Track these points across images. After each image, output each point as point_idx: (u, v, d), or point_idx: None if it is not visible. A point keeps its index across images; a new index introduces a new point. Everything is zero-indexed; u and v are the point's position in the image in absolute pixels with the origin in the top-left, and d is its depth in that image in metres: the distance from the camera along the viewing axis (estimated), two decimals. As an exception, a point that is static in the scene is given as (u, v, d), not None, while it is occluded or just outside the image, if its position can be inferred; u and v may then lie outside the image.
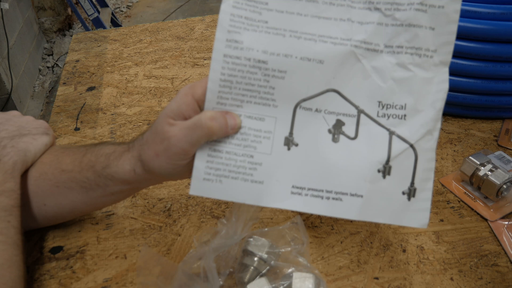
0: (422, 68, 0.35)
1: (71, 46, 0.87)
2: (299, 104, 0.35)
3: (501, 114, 0.63)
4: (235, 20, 0.34)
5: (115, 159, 0.38)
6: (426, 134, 0.35)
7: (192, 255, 0.39)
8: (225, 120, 0.33)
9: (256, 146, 0.35)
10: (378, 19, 0.34)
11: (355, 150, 0.35)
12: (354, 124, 0.35)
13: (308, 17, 0.34)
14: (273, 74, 0.34)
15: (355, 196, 0.35)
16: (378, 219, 0.35)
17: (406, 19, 0.34)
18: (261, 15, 0.34)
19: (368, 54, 0.35)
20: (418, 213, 0.35)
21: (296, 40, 0.34)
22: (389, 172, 0.35)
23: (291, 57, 0.34)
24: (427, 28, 0.34)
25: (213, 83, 0.34)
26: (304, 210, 0.35)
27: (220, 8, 0.34)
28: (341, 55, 0.34)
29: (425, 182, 0.35)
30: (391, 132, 0.35)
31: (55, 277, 0.44)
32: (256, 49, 0.34)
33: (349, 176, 0.35)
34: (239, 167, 0.35)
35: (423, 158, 0.35)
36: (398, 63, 0.35)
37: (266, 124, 0.35)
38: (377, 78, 0.35)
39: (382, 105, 0.35)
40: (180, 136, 0.33)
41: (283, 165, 0.35)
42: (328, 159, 0.35)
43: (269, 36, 0.34)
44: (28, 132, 0.44)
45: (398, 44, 0.34)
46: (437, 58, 0.35)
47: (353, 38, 0.34)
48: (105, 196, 0.40)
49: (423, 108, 0.35)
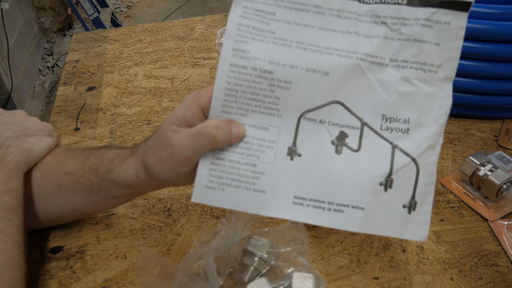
0: (426, 83, 0.35)
1: (71, 46, 0.87)
2: (303, 115, 0.35)
3: (501, 114, 0.63)
4: (243, 30, 0.34)
5: (118, 163, 0.38)
6: (428, 148, 0.35)
7: (192, 255, 0.39)
8: (230, 129, 0.34)
9: (259, 155, 0.35)
10: (384, 33, 0.34)
11: (357, 162, 0.35)
12: (357, 137, 0.35)
13: (315, 29, 0.34)
14: (279, 84, 0.34)
15: (357, 208, 0.35)
16: (378, 231, 0.35)
17: (412, 34, 0.34)
18: (269, 25, 0.34)
19: (373, 67, 0.35)
20: (418, 226, 0.35)
21: (303, 51, 0.34)
22: (390, 185, 0.35)
23: (297, 68, 0.34)
24: (433, 43, 0.34)
25: (219, 92, 0.34)
26: (305, 221, 0.35)
27: (228, 17, 0.34)
28: (346, 67, 0.34)
29: (425, 196, 0.35)
30: (394, 146, 0.35)
31: (55, 277, 0.44)
32: (262, 59, 0.34)
33: (351, 188, 0.35)
34: (242, 175, 0.35)
35: (424, 172, 0.35)
36: (402, 77, 0.35)
37: (270, 133, 0.35)
38: (382, 92, 0.35)
39: (386, 119, 0.35)
40: (184, 143, 0.33)
41: (286, 175, 0.35)
42: (330, 171, 0.35)
43: (275, 47, 0.34)
44: (33, 133, 0.44)
45: (403, 58, 0.35)
46: (441, 73, 0.35)
47: (359, 51, 0.34)
48: (107, 199, 0.41)
49: (427, 122, 0.35)
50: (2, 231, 0.36)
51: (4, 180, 0.39)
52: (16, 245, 0.37)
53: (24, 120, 0.46)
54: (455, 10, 0.34)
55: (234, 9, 0.34)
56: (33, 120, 0.47)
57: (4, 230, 0.36)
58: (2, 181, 0.39)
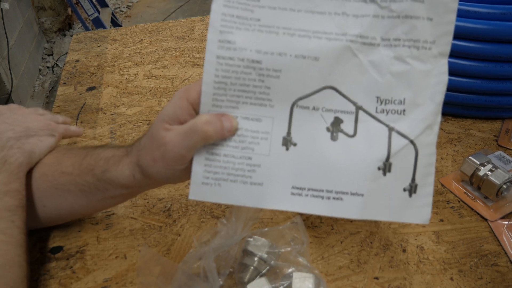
0: (421, 60, 0.34)
1: (71, 46, 0.87)
2: (296, 103, 0.34)
3: (501, 114, 0.63)
4: (227, 20, 0.33)
5: (114, 163, 0.38)
6: (426, 128, 0.34)
7: (192, 255, 0.39)
8: (221, 123, 0.33)
9: (254, 147, 0.34)
10: (373, 11, 0.33)
11: (354, 148, 0.34)
12: (352, 121, 0.34)
13: (302, 13, 0.33)
14: (268, 73, 0.33)
15: (356, 195, 0.34)
16: (379, 217, 0.35)
17: (403, 10, 0.33)
18: (253, 13, 0.33)
19: (364, 48, 0.34)
20: (420, 209, 0.35)
21: (290, 37, 0.33)
22: (389, 169, 0.34)
23: (285, 55, 0.33)
24: (425, 19, 0.33)
25: (207, 86, 0.33)
26: (305, 211, 0.34)
27: (210, 8, 0.33)
28: (336, 50, 0.33)
29: (426, 177, 0.35)
30: (391, 128, 0.34)
31: (55, 277, 0.44)
32: (249, 49, 0.33)
33: (349, 175, 0.34)
34: (238, 169, 0.34)
35: (423, 153, 0.34)
36: (395, 56, 0.34)
37: (263, 124, 0.34)
38: (375, 73, 0.34)
39: (381, 101, 0.34)
40: (176, 141, 0.33)
41: (282, 166, 0.34)
42: (327, 158, 0.34)
43: (262, 35, 0.33)
44: (35, 133, 0.45)
45: (395, 36, 0.34)
46: (435, 49, 0.34)
47: (348, 32, 0.33)
48: (104, 199, 0.40)
49: (423, 102, 0.34)
50: (4, 232, 0.36)
51: (6, 181, 0.39)
52: (17, 246, 0.37)
53: (26, 119, 0.46)
54: None
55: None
56: (35, 119, 0.47)
57: (6, 231, 0.37)
58: (4, 183, 0.39)
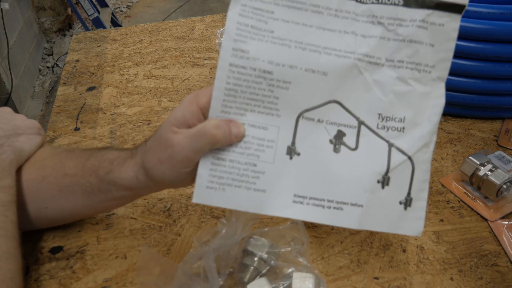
0: (421, 83, 0.36)
1: (71, 46, 0.87)
2: (302, 114, 0.35)
3: (501, 114, 0.63)
4: (242, 29, 0.34)
5: (118, 165, 0.38)
6: (423, 146, 0.36)
7: (192, 255, 0.39)
8: (229, 129, 0.34)
9: (259, 154, 0.35)
10: (381, 33, 0.35)
11: (355, 161, 0.36)
12: (354, 135, 0.36)
13: (313, 28, 0.34)
14: (278, 84, 0.34)
15: (355, 206, 0.36)
16: (376, 227, 0.36)
17: (408, 35, 0.35)
18: (267, 24, 0.34)
19: (370, 67, 0.35)
20: (414, 221, 0.37)
21: (301, 51, 0.34)
22: (387, 182, 0.36)
23: (296, 68, 0.34)
24: (427, 44, 0.35)
25: (218, 92, 0.34)
26: (306, 219, 0.35)
27: (226, 16, 0.34)
28: (344, 67, 0.35)
29: (420, 192, 0.37)
30: (390, 144, 0.36)
31: (55, 277, 0.44)
32: (262, 59, 0.34)
33: (350, 186, 0.36)
34: (242, 175, 0.35)
35: (419, 169, 0.36)
36: (398, 77, 0.36)
37: (269, 133, 0.35)
38: (378, 91, 0.36)
39: (382, 118, 0.36)
40: (184, 144, 0.33)
41: (285, 174, 0.35)
42: (329, 169, 0.36)
43: (274, 47, 0.34)
44: (23, 131, 0.46)
45: (399, 58, 0.35)
46: (435, 73, 0.36)
47: (356, 51, 0.35)
48: (107, 201, 0.41)
49: (421, 121, 0.36)
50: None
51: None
52: (12, 239, 0.37)
53: (13, 118, 0.47)
54: (450, 12, 0.35)
55: (232, 7, 0.34)
56: (22, 118, 0.48)
57: (0, 225, 0.37)
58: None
